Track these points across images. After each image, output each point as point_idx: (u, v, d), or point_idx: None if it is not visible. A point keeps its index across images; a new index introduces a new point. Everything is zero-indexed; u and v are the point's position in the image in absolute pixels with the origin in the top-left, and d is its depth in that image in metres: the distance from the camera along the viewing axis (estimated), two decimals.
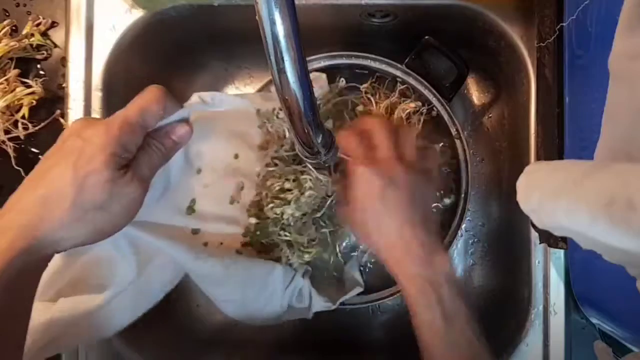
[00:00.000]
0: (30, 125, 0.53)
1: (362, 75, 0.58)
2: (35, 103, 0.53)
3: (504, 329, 0.56)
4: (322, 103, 0.53)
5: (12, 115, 0.52)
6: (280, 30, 0.26)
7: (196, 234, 0.46)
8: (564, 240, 0.47)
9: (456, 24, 0.55)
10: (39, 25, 0.54)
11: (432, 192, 0.46)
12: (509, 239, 0.60)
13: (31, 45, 0.54)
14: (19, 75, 0.53)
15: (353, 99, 0.56)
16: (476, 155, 0.64)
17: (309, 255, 0.50)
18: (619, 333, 0.46)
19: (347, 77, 0.57)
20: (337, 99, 0.55)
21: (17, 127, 0.52)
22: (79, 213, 0.32)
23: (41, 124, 0.53)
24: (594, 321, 0.50)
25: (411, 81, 0.55)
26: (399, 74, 0.55)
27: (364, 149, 0.42)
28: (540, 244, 0.52)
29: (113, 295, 0.42)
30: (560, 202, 0.25)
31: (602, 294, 0.46)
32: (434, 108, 0.56)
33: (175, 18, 0.55)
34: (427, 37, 0.55)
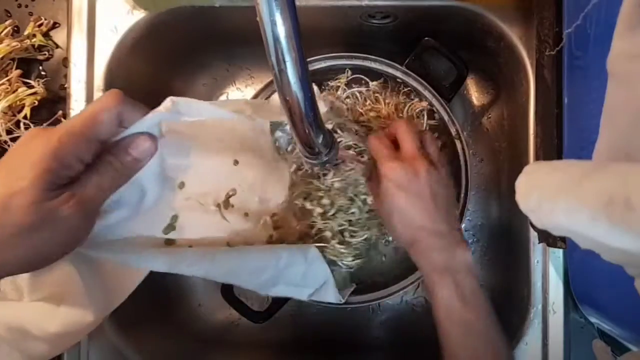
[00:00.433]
0: (32, 126, 0.53)
1: (361, 76, 0.58)
2: (37, 103, 0.53)
3: (503, 328, 0.56)
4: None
5: (14, 115, 0.52)
6: (281, 31, 0.26)
7: (170, 244, 0.41)
8: (563, 239, 0.48)
9: (456, 25, 0.56)
10: (40, 25, 0.54)
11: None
12: (508, 239, 0.60)
13: (33, 45, 0.54)
14: (21, 76, 0.54)
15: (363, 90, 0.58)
16: (476, 155, 0.65)
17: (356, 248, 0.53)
18: (617, 332, 0.47)
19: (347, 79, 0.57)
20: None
21: (19, 128, 0.53)
22: (4, 237, 0.29)
23: (43, 124, 0.53)
24: (593, 320, 0.50)
25: (411, 82, 0.55)
26: (399, 74, 0.55)
27: (391, 149, 0.46)
28: (539, 243, 0.52)
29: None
30: (559, 202, 0.26)
31: (601, 293, 0.46)
32: (435, 109, 0.56)
33: (176, 19, 0.55)
34: (426, 38, 0.55)
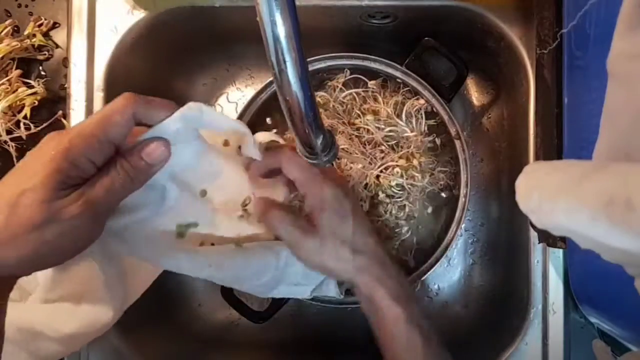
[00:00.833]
0: (32, 126, 0.53)
1: (360, 77, 0.58)
2: (37, 103, 0.53)
3: (503, 328, 0.56)
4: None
5: (14, 115, 0.53)
6: (281, 31, 0.26)
7: (181, 237, 0.40)
8: (563, 239, 0.48)
9: (456, 25, 0.56)
10: (40, 25, 0.54)
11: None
12: (508, 239, 0.60)
13: (33, 45, 0.54)
14: (21, 76, 0.54)
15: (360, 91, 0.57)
16: (476, 155, 0.65)
17: None
18: (617, 332, 0.47)
19: (347, 78, 0.57)
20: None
21: (19, 127, 0.53)
22: (10, 235, 0.29)
23: (43, 124, 0.53)
24: (593, 320, 0.50)
25: (411, 82, 0.55)
26: (399, 74, 0.55)
27: (299, 223, 0.39)
28: (539, 243, 0.52)
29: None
30: (559, 202, 0.25)
31: (601, 293, 0.46)
32: (435, 109, 0.56)
33: (176, 19, 0.55)
34: (426, 38, 0.55)
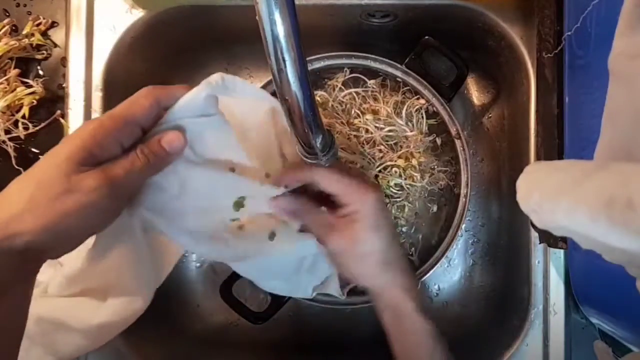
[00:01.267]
0: (31, 125, 0.53)
1: (360, 76, 0.58)
2: (35, 103, 0.53)
3: (503, 328, 0.56)
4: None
5: (13, 115, 0.52)
6: (281, 30, 0.26)
7: (236, 220, 0.41)
8: (564, 240, 0.47)
9: (456, 24, 0.55)
10: (39, 25, 0.54)
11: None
12: (509, 239, 0.60)
13: (31, 45, 0.54)
14: (19, 75, 0.53)
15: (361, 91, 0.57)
16: (476, 155, 0.64)
17: None
18: (618, 333, 0.46)
19: (347, 77, 0.57)
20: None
21: (18, 127, 0.52)
22: (33, 205, 0.31)
23: (41, 124, 0.53)
24: (594, 321, 0.50)
25: (411, 81, 0.55)
26: (399, 74, 0.55)
27: (325, 220, 0.41)
28: (540, 243, 0.52)
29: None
30: (560, 202, 0.25)
31: (601, 293, 0.46)
32: (435, 108, 0.56)
33: (175, 18, 0.55)
34: (427, 37, 0.55)
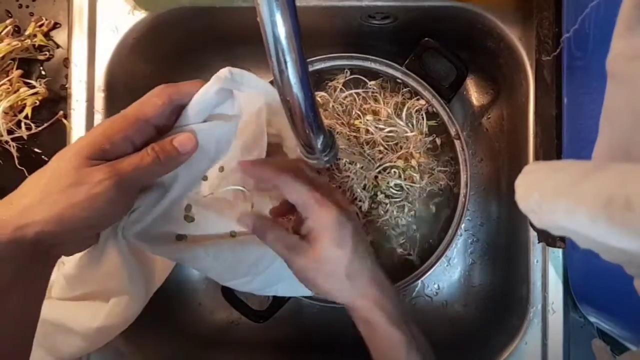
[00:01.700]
0: (34, 126, 0.53)
1: (360, 77, 0.58)
2: (38, 103, 0.53)
3: (503, 327, 0.56)
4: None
5: (15, 115, 0.53)
6: (282, 31, 0.26)
7: (181, 240, 0.41)
8: (562, 239, 0.48)
9: (455, 25, 0.56)
10: (41, 26, 0.54)
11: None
12: (508, 239, 0.60)
13: (34, 45, 0.54)
14: (22, 76, 0.54)
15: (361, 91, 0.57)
16: (475, 155, 0.65)
17: None
18: (617, 331, 0.47)
19: (347, 79, 0.58)
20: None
21: (20, 127, 0.53)
22: (43, 196, 0.32)
23: (44, 124, 0.53)
24: (592, 320, 0.50)
25: (411, 82, 0.55)
26: (399, 75, 0.55)
27: (289, 238, 0.39)
28: (538, 243, 0.52)
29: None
30: (559, 202, 0.25)
31: (600, 292, 0.46)
32: (434, 109, 0.56)
33: (177, 19, 0.55)
34: (426, 39, 0.55)
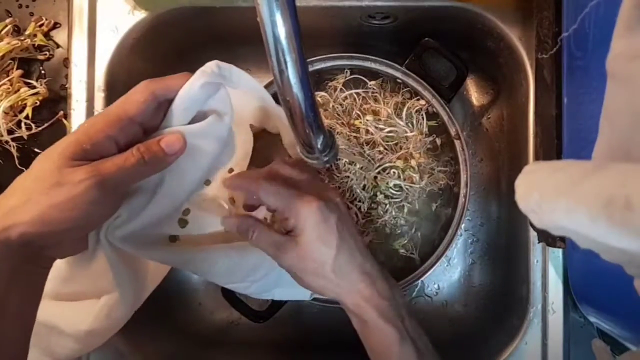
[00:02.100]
0: (34, 126, 0.53)
1: (360, 77, 0.58)
2: (38, 103, 0.53)
3: (503, 327, 0.56)
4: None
5: (16, 115, 0.53)
6: (282, 31, 0.26)
7: (174, 241, 0.42)
8: (562, 239, 0.48)
9: (455, 25, 0.56)
10: (41, 26, 0.54)
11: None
12: (508, 239, 0.60)
13: (34, 45, 0.54)
14: (22, 76, 0.54)
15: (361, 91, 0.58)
16: (475, 155, 0.65)
17: None
18: (617, 331, 0.47)
19: (347, 79, 0.57)
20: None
21: (21, 127, 0.53)
22: (27, 197, 0.32)
23: (44, 124, 0.53)
24: (592, 320, 0.51)
25: (411, 82, 0.55)
26: (399, 75, 0.55)
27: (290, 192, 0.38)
28: (538, 243, 0.52)
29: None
30: (559, 202, 0.25)
31: (600, 292, 0.46)
32: (434, 109, 0.56)
33: (177, 19, 0.55)
34: (426, 39, 0.55)
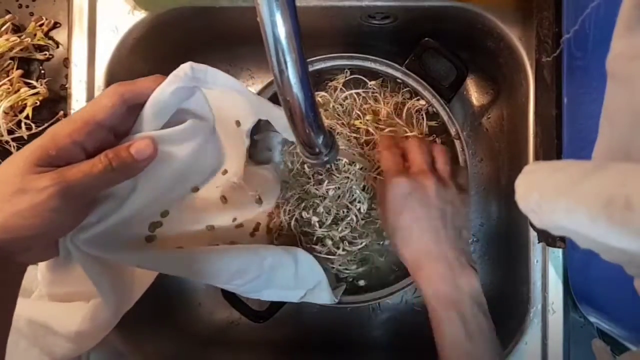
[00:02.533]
0: (34, 126, 0.53)
1: (360, 77, 0.58)
2: (38, 103, 0.53)
3: (503, 327, 0.56)
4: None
5: (16, 115, 0.53)
6: (282, 31, 0.26)
7: (151, 241, 0.41)
8: (563, 239, 0.48)
9: (455, 25, 0.56)
10: (41, 25, 0.54)
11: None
12: (508, 239, 0.60)
13: (34, 45, 0.54)
14: (22, 76, 0.54)
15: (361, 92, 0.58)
16: (475, 155, 0.65)
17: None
18: (617, 331, 0.47)
19: (347, 79, 0.57)
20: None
21: (21, 127, 0.53)
22: None
23: (44, 124, 0.53)
24: (592, 320, 0.51)
25: (411, 82, 0.55)
26: (399, 75, 0.55)
27: (401, 163, 0.46)
28: (538, 243, 0.52)
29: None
30: (559, 202, 0.25)
31: (600, 292, 0.46)
32: (434, 109, 0.56)
33: (177, 19, 0.55)
34: (426, 39, 0.55)
